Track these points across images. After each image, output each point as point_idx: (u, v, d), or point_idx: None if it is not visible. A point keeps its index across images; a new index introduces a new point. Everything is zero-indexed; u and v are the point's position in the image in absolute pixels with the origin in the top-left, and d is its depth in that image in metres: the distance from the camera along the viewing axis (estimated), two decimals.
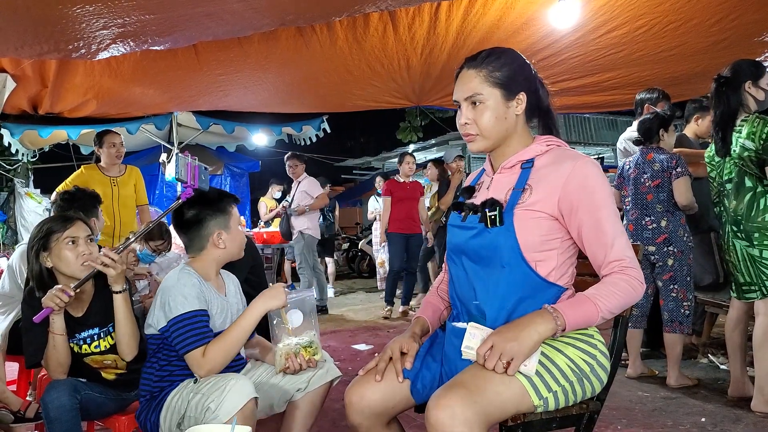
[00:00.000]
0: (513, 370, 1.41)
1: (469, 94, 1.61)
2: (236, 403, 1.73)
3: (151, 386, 1.95)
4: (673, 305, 3.40)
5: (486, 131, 1.61)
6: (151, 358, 1.97)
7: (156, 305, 1.93)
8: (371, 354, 4.52)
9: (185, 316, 1.85)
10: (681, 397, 3.18)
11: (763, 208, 2.80)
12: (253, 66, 4.80)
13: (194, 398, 1.80)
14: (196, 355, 1.83)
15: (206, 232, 2.02)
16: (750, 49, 5.28)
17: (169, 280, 1.94)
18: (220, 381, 1.79)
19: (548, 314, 1.45)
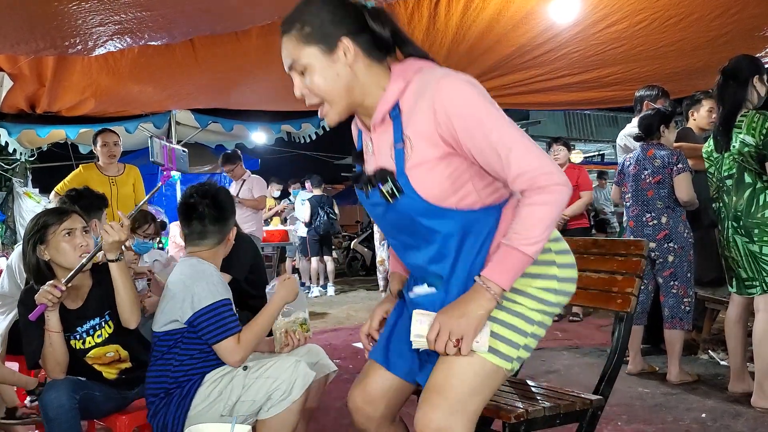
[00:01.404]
0: (466, 350, 1.32)
1: (289, 62, 1.41)
2: (307, 380, 1.86)
3: (168, 383, 1.94)
4: (673, 301, 3.38)
5: (327, 96, 1.39)
6: (165, 354, 1.96)
7: (177, 299, 1.92)
8: None
9: (216, 305, 1.89)
10: (681, 393, 3.17)
11: (762, 204, 2.79)
12: (251, 63, 4.78)
13: (256, 383, 1.85)
14: (231, 343, 1.88)
15: (227, 228, 2.09)
16: (751, 44, 5.25)
17: (189, 273, 1.95)
18: (282, 362, 1.88)
19: (482, 289, 1.32)
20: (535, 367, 3.70)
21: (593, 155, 13.98)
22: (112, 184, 4.33)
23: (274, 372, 1.86)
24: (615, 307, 1.81)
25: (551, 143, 5.48)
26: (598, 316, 5.33)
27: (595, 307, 1.97)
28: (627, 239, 1.91)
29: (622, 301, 1.79)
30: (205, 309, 1.88)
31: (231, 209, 2.12)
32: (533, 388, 1.88)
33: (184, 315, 1.90)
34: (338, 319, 6.12)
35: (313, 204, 7.79)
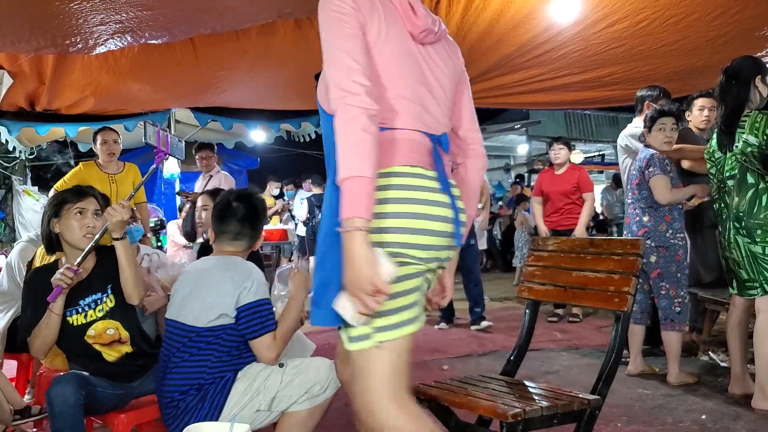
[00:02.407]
0: (386, 291, 1.23)
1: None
2: (339, 382, 1.85)
3: (205, 379, 1.94)
4: (665, 302, 3.38)
5: None
6: (203, 349, 1.96)
7: (226, 293, 1.94)
8: None
9: (261, 302, 1.96)
10: (681, 394, 3.16)
11: (765, 204, 2.78)
12: (251, 62, 4.78)
13: (296, 379, 1.93)
14: (269, 339, 1.96)
15: (259, 232, 2.19)
16: (751, 44, 5.24)
17: (238, 269, 1.99)
18: (317, 361, 2.01)
19: (342, 234, 1.23)
20: (534, 368, 3.69)
21: (593, 155, 13.97)
22: (111, 182, 4.32)
23: (314, 370, 1.96)
24: (612, 306, 1.80)
25: (551, 143, 5.47)
26: (597, 317, 5.32)
27: (593, 307, 1.97)
28: (623, 238, 1.90)
29: (619, 301, 1.78)
30: (252, 304, 1.95)
31: (264, 214, 2.22)
32: (531, 389, 1.88)
33: (233, 309, 1.95)
34: None
35: (311, 203, 7.78)
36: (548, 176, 5.39)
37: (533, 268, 2.15)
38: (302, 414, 1.95)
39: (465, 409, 1.77)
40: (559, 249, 2.08)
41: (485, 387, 1.86)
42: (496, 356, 4.15)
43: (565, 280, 2.00)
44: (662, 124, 3.42)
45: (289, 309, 2.07)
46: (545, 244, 2.15)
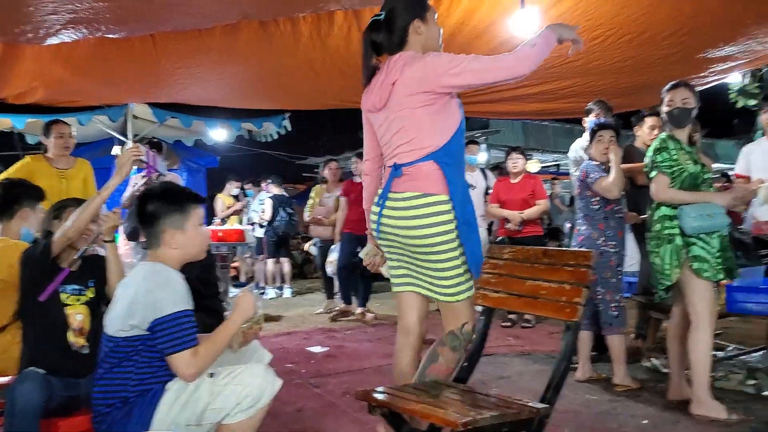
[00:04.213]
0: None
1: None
2: (275, 387, 1.90)
3: (129, 391, 1.88)
4: (602, 307, 3.52)
5: None
6: (124, 361, 1.89)
7: (139, 303, 1.87)
8: (326, 357, 4.48)
9: (178, 315, 1.84)
10: (626, 400, 3.27)
11: (656, 219, 3.01)
12: (214, 59, 4.71)
13: (226, 390, 1.84)
14: (187, 356, 1.83)
15: (159, 229, 1.98)
16: (696, 63, 5.50)
17: (155, 278, 1.90)
18: (252, 370, 1.90)
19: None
20: (487, 373, 3.75)
21: (549, 165, 14.32)
22: (61, 177, 4.16)
23: (245, 379, 1.86)
24: (563, 316, 1.85)
25: (509, 152, 5.57)
26: (549, 323, 5.43)
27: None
28: (576, 250, 1.96)
29: (570, 311, 1.83)
30: (170, 316, 1.83)
31: (149, 214, 2.00)
32: (482, 396, 1.91)
33: (145, 321, 1.85)
34: (293, 322, 6.05)
35: (274, 204, 7.69)
36: (504, 185, 5.50)
37: (489, 276, 2.19)
38: (236, 427, 1.86)
39: (417, 416, 1.79)
40: (514, 258, 2.13)
41: (437, 394, 1.88)
42: None
43: (519, 288, 2.05)
44: (600, 137, 3.62)
45: (222, 327, 1.96)
46: (501, 253, 2.19)
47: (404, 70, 2.08)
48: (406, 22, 2.16)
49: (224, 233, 6.13)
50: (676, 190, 2.96)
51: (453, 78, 2.05)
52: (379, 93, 2.14)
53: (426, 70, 2.05)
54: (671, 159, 2.96)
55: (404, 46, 2.17)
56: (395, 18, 2.17)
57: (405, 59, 2.11)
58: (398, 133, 2.12)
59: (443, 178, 2.07)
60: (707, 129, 11.58)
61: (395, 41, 2.17)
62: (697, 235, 2.90)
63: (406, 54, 2.13)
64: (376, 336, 5.21)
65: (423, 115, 2.08)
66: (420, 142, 2.08)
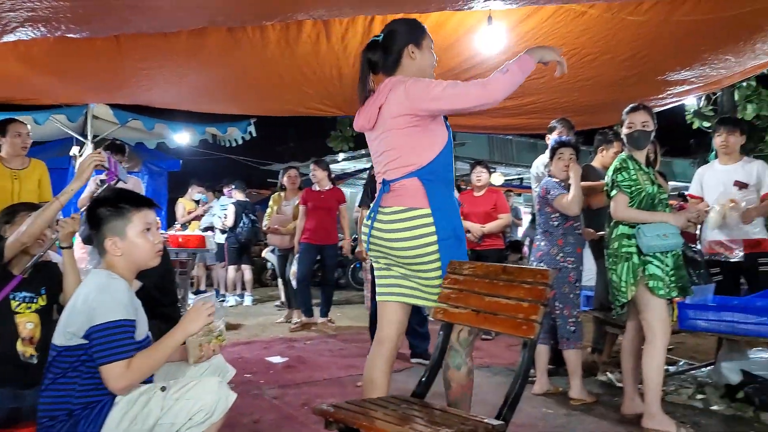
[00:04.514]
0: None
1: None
2: (229, 401, 1.86)
3: (73, 404, 1.81)
4: (560, 322, 3.60)
5: None
6: (69, 372, 1.83)
7: (77, 311, 1.82)
8: (285, 367, 4.42)
9: (112, 324, 1.78)
10: (581, 414, 3.33)
11: (614, 236, 3.11)
12: (179, 62, 4.63)
13: (177, 405, 1.79)
14: (119, 368, 1.76)
15: (100, 236, 1.95)
16: (655, 85, 5.69)
17: (95, 285, 1.85)
18: (205, 384, 1.84)
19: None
20: None
21: (513, 179, 14.56)
22: (14, 178, 4.02)
23: (197, 393, 1.80)
24: (520, 333, 1.88)
25: (474, 165, 5.64)
26: (509, 336, 5.49)
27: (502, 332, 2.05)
28: (534, 268, 1.99)
29: (527, 328, 1.86)
30: (105, 325, 1.77)
31: (93, 219, 1.96)
32: (438, 412, 1.91)
33: (81, 329, 1.79)
34: (253, 331, 5.97)
35: (237, 210, 7.60)
36: (468, 198, 5.56)
37: (449, 291, 2.20)
38: None
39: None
40: (473, 273, 2.14)
41: (395, 409, 1.88)
42: (410, 372, 4.20)
43: (477, 304, 2.07)
44: (561, 154, 3.72)
45: (163, 340, 1.89)
46: (461, 268, 2.21)
47: (389, 94, 2.21)
48: (401, 46, 2.27)
49: (184, 239, 6.01)
50: (634, 209, 3.05)
51: (430, 103, 2.15)
52: (368, 115, 2.29)
53: (406, 95, 2.16)
54: (630, 179, 3.05)
55: (398, 68, 2.29)
56: (392, 40, 2.29)
57: (392, 84, 2.22)
58: (386, 152, 2.26)
59: (425, 194, 2.19)
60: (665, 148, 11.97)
61: (390, 63, 2.29)
62: (653, 254, 3.00)
63: (394, 79, 2.24)
64: (337, 347, 5.18)
65: (407, 136, 2.20)
66: (405, 161, 2.21)
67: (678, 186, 10.84)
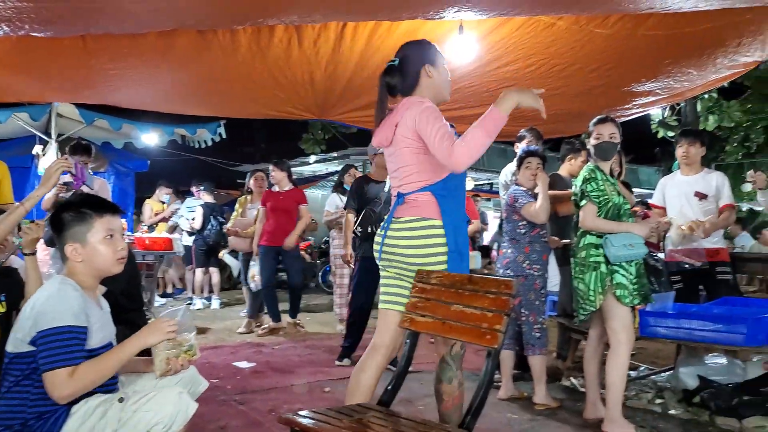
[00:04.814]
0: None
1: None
2: (189, 413, 1.80)
3: (27, 414, 1.76)
4: (526, 328, 3.66)
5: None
6: (21, 381, 1.78)
7: (25, 317, 1.78)
8: (253, 372, 4.39)
9: (58, 330, 1.73)
10: (545, 419, 3.39)
11: (582, 246, 3.17)
12: (147, 63, 4.56)
13: (135, 417, 1.74)
14: (62, 375, 1.71)
15: (62, 241, 1.92)
16: (620, 96, 5.83)
17: (46, 290, 1.82)
18: (165, 395, 1.79)
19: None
20: (414, 391, 3.79)
21: (483, 183, 14.70)
22: None
23: (156, 405, 1.76)
24: (484, 342, 1.91)
25: None
26: None
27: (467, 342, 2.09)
28: (498, 278, 2.02)
29: (491, 338, 1.89)
30: (46, 332, 1.72)
31: (55, 224, 1.93)
32: (404, 421, 1.93)
33: (28, 335, 1.76)
34: (220, 335, 5.91)
35: (205, 212, 7.51)
36: None
37: (416, 300, 2.23)
38: None
39: None
40: (440, 283, 2.17)
41: (360, 418, 1.89)
42: None
43: (443, 313, 2.10)
44: (528, 163, 3.79)
45: (114, 350, 1.83)
46: (429, 277, 2.24)
47: (405, 113, 2.33)
48: (418, 67, 2.39)
49: (151, 241, 5.92)
50: (602, 219, 3.12)
51: (423, 138, 2.29)
52: (385, 132, 2.42)
53: (414, 119, 2.29)
54: (599, 189, 3.13)
55: (416, 89, 2.41)
56: (408, 63, 2.41)
57: (408, 104, 2.35)
58: (401, 168, 2.39)
59: (438, 207, 2.31)
60: (631, 155, 12.15)
61: (408, 84, 2.41)
62: (619, 263, 3.07)
63: (412, 99, 2.37)
64: (306, 352, 5.16)
65: (420, 154, 2.32)
66: (419, 176, 2.34)
67: (643, 193, 11.08)
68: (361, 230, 4.47)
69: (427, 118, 2.25)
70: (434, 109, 2.29)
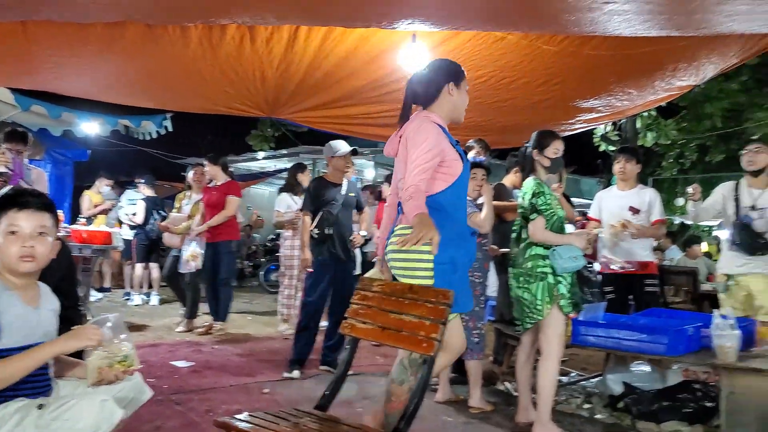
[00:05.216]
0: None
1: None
2: (113, 421, 1.72)
3: None
4: (465, 333, 3.73)
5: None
6: None
7: None
8: (191, 372, 4.33)
9: None
10: (478, 422, 3.50)
11: (527, 257, 3.28)
12: (93, 52, 4.41)
13: (53, 425, 1.66)
14: None
15: None
16: (566, 111, 6.05)
17: None
18: (86, 402, 1.70)
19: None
20: (353, 393, 3.83)
21: None
22: None
23: (76, 413, 1.67)
24: (420, 350, 1.97)
25: (388, 178, 5.76)
26: None
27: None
28: (437, 288, 2.09)
29: (427, 345, 1.95)
30: None
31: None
32: (338, 425, 1.96)
33: None
34: (159, 333, 5.78)
35: (147, 205, 7.31)
36: (382, 207, 5.67)
37: (357, 306, 2.27)
38: None
39: None
40: (382, 291, 2.22)
41: (296, 423, 1.91)
42: (319, 380, 4.22)
43: (383, 320, 2.14)
44: (474, 174, 3.86)
45: (29, 353, 1.74)
46: (371, 285, 2.28)
47: (408, 128, 2.48)
48: (443, 83, 2.52)
49: (89, 234, 5.71)
50: (550, 232, 3.25)
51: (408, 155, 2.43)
52: (393, 143, 2.58)
53: (410, 137, 2.43)
54: (546, 203, 3.26)
55: (435, 102, 2.54)
56: (435, 76, 2.55)
57: (416, 119, 2.49)
58: (402, 179, 2.49)
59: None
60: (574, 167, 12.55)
61: (429, 95, 2.53)
62: (562, 274, 3.22)
63: (421, 114, 2.52)
64: (246, 352, 5.12)
65: None
66: (405, 183, 2.41)
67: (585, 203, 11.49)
68: (318, 232, 4.45)
69: (418, 143, 2.37)
70: (432, 132, 2.39)
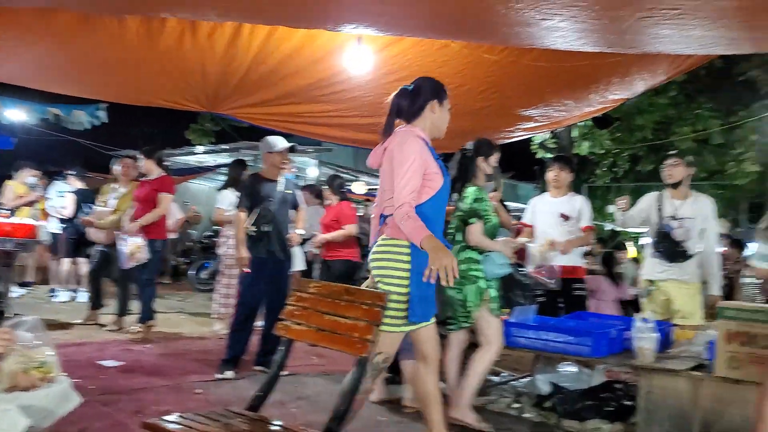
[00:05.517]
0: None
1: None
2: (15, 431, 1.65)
3: None
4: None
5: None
6: None
7: None
8: (120, 372, 4.19)
9: None
10: (410, 421, 3.56)
11: (463, 259, 3.42)
12: (21, 35, 4.19)
13: None
14: None
15: None
16: (506, 118, 6.24)
17: None
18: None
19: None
20: (288, 393, 3.82)
21: (376, 188, 14.99)
22: None
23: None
24: (354, 351, 1.99)
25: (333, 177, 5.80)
26: None
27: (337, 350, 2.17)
28: (372, 290, 2.12)
29: (361, 347, 1.98)
30: None
31: None
32: (269, 426, 1.96)
33: None
34: (86, 331, 5.56)
35: (77, 198, 7.01)
36: (327, 208, 5.70)
37: (293, 308, 2.27)
38: None
39: None
40: (318, 292, 2.23)
41: (226, 424, 1.90)
42: (253, 380, 4.17)
43: (318, 322, 2.16)
44: None
45: None
46: (307, 286, 2.29)
47: (392, 141, 2.57)
48: (427, 100, 2.64)
49: (12, 227, 5.42)
50: (485, 237, 3.41)
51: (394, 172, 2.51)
52: (376, 155, 2.67)
53: (394, 152, 2.51)
54: (484, 210, 3.41)
55: (418, 118, 2.63)
56: (420, 93, 2.65)
57: (400, 134, 2.58)
58: (384, 191, 2.61)
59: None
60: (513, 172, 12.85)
61: (413, 111, 2.63)
62: (491, 279, 3.39)
63: (405, 128, 2.61)
64: (178, 351, 5.00)
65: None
66: (396, 201, 2.49)
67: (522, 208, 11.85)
68: (255, 230, 4.39)
69: (403, 160, 2.45)
70: (416, 146, 2.47)
